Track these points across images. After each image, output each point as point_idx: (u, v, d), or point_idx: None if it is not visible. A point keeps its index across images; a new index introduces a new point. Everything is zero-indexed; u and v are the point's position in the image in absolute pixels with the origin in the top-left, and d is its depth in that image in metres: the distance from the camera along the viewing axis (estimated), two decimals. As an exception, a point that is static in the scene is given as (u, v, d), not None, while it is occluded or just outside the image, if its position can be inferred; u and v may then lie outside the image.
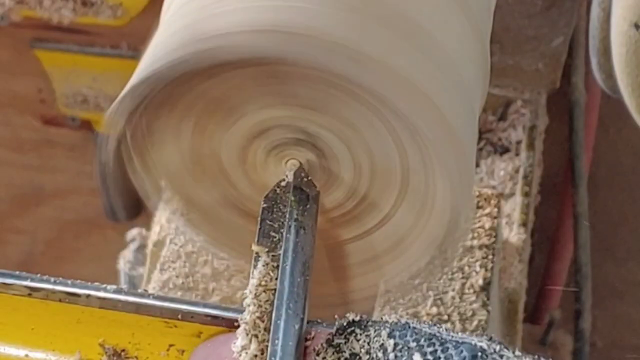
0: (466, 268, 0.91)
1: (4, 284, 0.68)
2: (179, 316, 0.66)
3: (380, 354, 0.60)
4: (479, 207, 0.95)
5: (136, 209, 1.60)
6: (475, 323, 0.89)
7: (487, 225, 0.94)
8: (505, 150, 1.25)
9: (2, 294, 0.68)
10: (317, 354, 0.61)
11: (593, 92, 1.39)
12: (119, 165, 0.74)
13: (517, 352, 0.60)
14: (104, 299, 0.67)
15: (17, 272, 0.69)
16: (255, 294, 0.65)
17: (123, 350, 0.67)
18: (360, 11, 0.66)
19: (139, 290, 0.68)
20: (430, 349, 0.59)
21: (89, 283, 0.68)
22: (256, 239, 0.68)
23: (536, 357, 0.60)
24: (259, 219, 0.70)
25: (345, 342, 0.61)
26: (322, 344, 0.62)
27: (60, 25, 1.45)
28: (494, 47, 0.80)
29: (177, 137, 0.74)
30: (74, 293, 0.67)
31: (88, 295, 0.67)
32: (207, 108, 0.71)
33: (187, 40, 0.66)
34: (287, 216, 0.69)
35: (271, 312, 0.64)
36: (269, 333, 0.63)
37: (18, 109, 1.66)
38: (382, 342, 0.60)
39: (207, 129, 0.73)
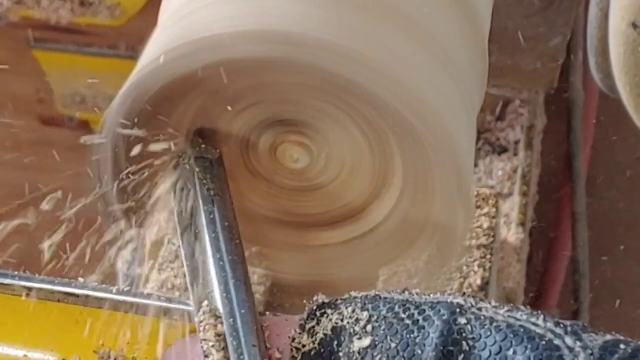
0: (464, 268, 0.91)
1: (4, 284, 0.68)
2: (178, 316, 0.66)
3: (357, 328, 0.60)
4: (477, 207, 0.95)
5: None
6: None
7: (485, 225, 0.94)
8: (504, 150, 1.25)
9: (2, 294, 0.68)
10: (293, 340, 0.61)
11: (591, 91, 1.39)
12: (115, 166, 0.74)
13: (494, 303, 0.60)
14: (103, 299, 0.67)
15: (17, 272, 0.69)
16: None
17: (121, 356, 0.67)
18: (355, 9, 0.67)
19: (138, 291, 0.68)
20: (407, 314, 0.59)
21: (89, 283, 0.68)
22: (176, 221, 0.68)
23: (511, 306, 0.59)
24: (174, 200, 0.69)
25: (318, 324, 0.61)
26: (295, 330, 0.61)
27: (59, 26, 1.44)
28: (493, 47, 0.80)
29: (176, 137, 0.74)
30: (73, 293, 0.67)
31: (87, 295, 0.67)
32: (200, 118, 0.71)
33: (181, 42, 0.66)
34: (198, 187, 0.68)
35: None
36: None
37: (16, 109, 1.66)
38: (356, 316, 0.60)
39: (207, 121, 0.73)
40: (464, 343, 0.57)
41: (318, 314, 0.62)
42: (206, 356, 0.61)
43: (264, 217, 0.79)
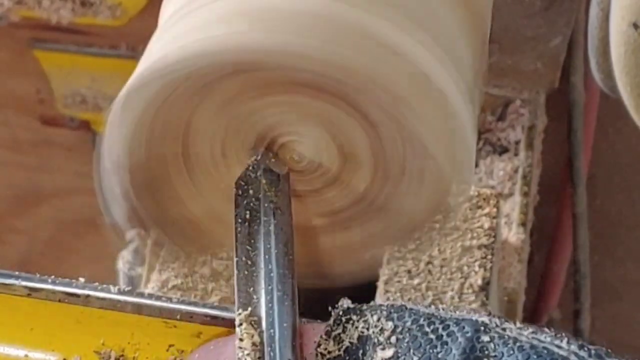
0: (465, 268, 0.91)
1: (4, 284, 0.68)
2: (178, 316, 0.66)
3: (381, 338, 0.60)
4: (477, 207, 0.95)
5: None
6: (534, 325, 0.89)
7: (486, 225, 0.94)
8: (504, 150, 1.25)
9: (2, 294, 0.68)
10: (318, 346, 0.61)
11: (592, 92, 1.39)
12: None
13: (519, 324, 0.60)
14: (103, 299, 0.67)
15: (17, 272, 0.69)
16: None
17: (122, 356, 0.67)
18: (355, 9, 0.67)
19: (138, 291, 0.68)
20: (431, 328, 0.59)
21: (89, 283, 0.68)
22: (235, 228, 0.68)
23: (536, 327, 0.59)
24: (234, 206, 0.69)
25: (344, 331, 0.61)
26: (321, 336, 0.61)
27: (59, 26, 1.44)
28: (493, 47, 0.81)
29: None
30: (73, 293, 0.67)
31: (88, 296, 0.67)
32: (206, 104, 0.71)
33: (185, 41, 0.66)
34: (262, 199, 0.69)
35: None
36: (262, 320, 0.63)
37: (17, 110, 1.66)
38: (381, 326, 0.60)
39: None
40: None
41: (344, 319, 0.62)
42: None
43: None
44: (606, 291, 1.53)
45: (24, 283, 0.68)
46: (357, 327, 0.61)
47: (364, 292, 0.84)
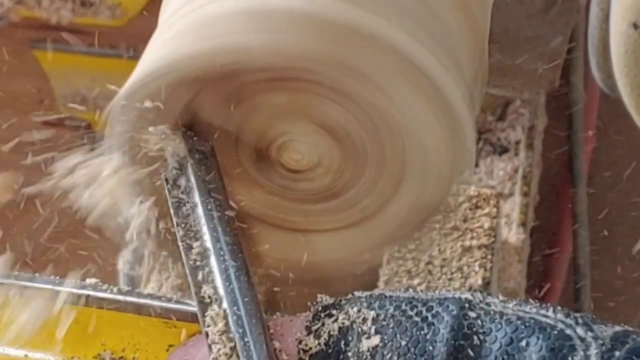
0: (465, 268, 0.91)
1: (5, 284, 0.68)
2: (178, 316, 0.66)
3: (364, 327, 0.59)
4: (477, 207, 0.95)
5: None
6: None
7: (486, 225, 0.94)
8: (504, 150, 1.25)
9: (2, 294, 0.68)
10: (299, 342, 0.61)
11: (592, 91, 1.39)
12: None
13: (501, 297, 0.60)
14: (103, 299, 0.67)
15: (17, 272, 0.69)
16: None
17: (122, 357, 0.67)
18: (356, 8, 0.67)
19: (138, 291, 0.68)
20: (414, 311, 0.59)
21: (89, 283, 0.68)
22: (173, 215, 0.68)
23: (519, 299, 0.59)
24: (168, 195, 0.69)
25: (323, 325, 0.61)
26: (300, 332, 0.61)
27: (59, 26, 1.44)
28: (493, 48, 0.80)
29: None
30: (74, 293, 0.67)
31: (88, 296, 0.67)
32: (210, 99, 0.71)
33: (186, 41, 0.66)
34: (193, 181, 0.69)
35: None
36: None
37: (17, 109, 1.66)
38: (362, 316, 0.60)
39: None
40: (475, 337, 0.57)
41: (322, 315, 0.62)
42: (211, 348, 0.61)
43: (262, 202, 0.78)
44: (606, 291, 1.53)
45: (25, 283, 0.68)
46: (336, 320, 0.61)
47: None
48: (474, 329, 0.57)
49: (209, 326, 0.62)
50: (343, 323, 0.60)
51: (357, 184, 0.74)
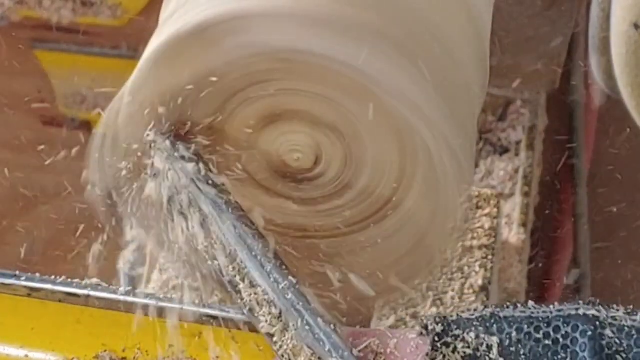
0: (466, 268, 0.91)
1: (4, 284, 0.68)
2: (179, 316, 0.66)
3: (492, 356, 0.57)
4: (478, 208, 0.95)
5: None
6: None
7: (486, 226, 0.94)
8: (505, 150, 1.25)
9: (2, 294, 0.68)
10: None
11: (593, 92, 1.39)
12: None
13: (622, 308, 0.58)
14: (103, 299, 0.67)
15: (17, 272, 0.69)
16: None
17: (123, 358, 0.67)
18: (356, 8, 0.67)
19: (138, 291, 0.68)
20: (540, 333, 0.57)
21: (89, 283, 0.68)
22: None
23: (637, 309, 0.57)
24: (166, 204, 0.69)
25: (444, 357, 0.59)
26: None
27: (60, 26, 1.44)
28: (494, 48, 0.80)
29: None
30: (74, 293, 0.67)
31: (88, 296, 0.67)
32: (211, 96, 0.71)
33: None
34: (197, 185, 0.68)
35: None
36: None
37: (18, 109, 1.66)
38: (485, 342, 0.58)
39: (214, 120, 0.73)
40: (618, 357, 0.55)
41: (439, 345, 0.59)
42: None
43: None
44: (607, 291, 1.53)
45: (25, 283, 0.68)
46: (455, 349, 0.58)
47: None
48: (614, 349, 0.55)
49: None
50: (464, 352, 0.58)
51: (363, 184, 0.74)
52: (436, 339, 0.60)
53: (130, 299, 0.67)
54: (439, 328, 0.60)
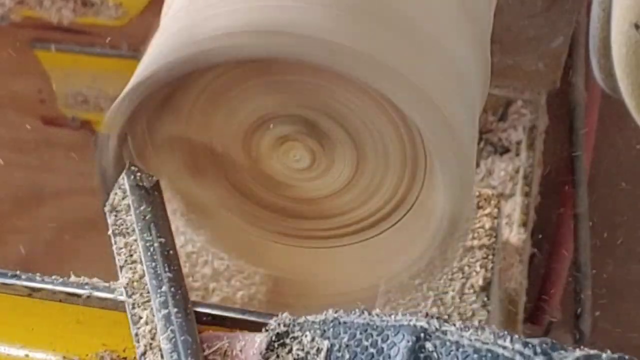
0: (466, 268, 0.91)
1: (4, 284, 0.68)
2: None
3: (319, 359, 0.58)
4: (479, 208, 0.95)
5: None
6: (475, 323, 0.89)
7: (487, 226, 0.94)
8: (506, 150, 1.25)
9: (2, 294, 0.68)
10: None
11: (593, 92, 1.39)
12: (119, 165, 0.74)
13: (458, 324, 0.58)
14: (104, 299, 0.67)
15: (17, 272, 0.69)
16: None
17: (124, 358, 0.67)
18: (357, 10, 0.67)
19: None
20: (369, 341, 0.58)
21: (90, 283, 0.68)
22: (115, 251, 0.68)
23: (476, 326, 0.58)
24: (109, 231, 0.69)
25: (278, 357, 0.60)
26: None
27: (61, 26, 1.44)
28: (495, 47, 0.80)
29: (178, 136, 0.74)
30: (74, 293, 0.67)
31: (88, 296, 0.67)
32: (208, 104, 0.71)
33: (186, 41, 0.66)
34: (134, 218, 0.68)
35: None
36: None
37: (18, 109, 1.66)
38: (317, 346, 0.59)
39: (209, 125, 0.73)
40: None
41: (276, 345, 0.60)
42: None
43: (263, 215, 0.79)
44: (607, 291, 1.53)
45: (25, 283, 0.68)
46: (290, 350, 0.59)
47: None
48: None
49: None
50: (297, 354, 0.59)
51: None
52: (274, 338, 0.60)
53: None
54: (280, 329, 0.60)
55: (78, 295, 0.67)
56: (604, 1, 0.85)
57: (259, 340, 0.61)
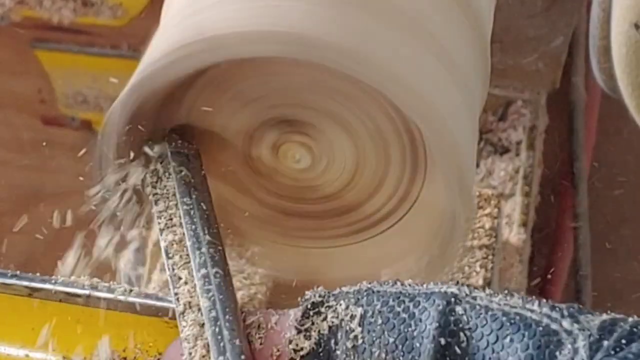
0: (466, 268, 0.91)
1: (4, 284, 0.68)
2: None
3: (353, 325, 0.59)
4: (479, 208, 0.95)
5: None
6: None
7: (487, 226, 0.94)
8: (506, 150, 1.25)
9: (2, 294, 0.68)
10: (290, 342, 0.61)
11: (593, 92, 1.39)
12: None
13: (488, 290, 0.60)
14: (104, 299, 0.67)
15: (17, 272, 0.69)
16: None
17: (124, 358, 0.67)
18: (358, 9, 0.67)
19: (139, 290, 0.68)
20: (402, 307, 0.59)
21: (90, 283, 0.68)
22: (156, 216, 0.68)
23: (505, 292, 0.59)
24: (151, 196, 0.70)
25: (313, 324, 0.61)
26: (290, 332, 0.61)
27: (61, 26, 1.44)
28: (495, 47, 0.80)
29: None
30: (74, 293, 0.67)
31: (88, 296, 0.67)
32: (208, 100, 0.71)
33: (186, 41, 0.66)
34: (175, 183, 0.69)
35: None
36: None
37: (18, 109, 1.66)
38: (350, 313, 0.60)
39: (210, 122, 0.73)
40: (461, 334, 0.57)
41: (311, 313, 0.61)
42: (188, 352, 0.61)
43: (265, 215, 0.79)
44: (607, 291, 1.53)
45: (25, 283, 0.68)
46: (325, 318, 0.60)
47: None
48: (460, 325, 0.57)
49: (185, 326, 0.62)
50: (332, 322, 0.60)
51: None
52: (309, 307, 0.61)
53: (130, 298, 0.67)
54: (316, 298, 0.62)
55: (78, 295, 0.67)
56: (604, 1, 0.85)
57: (294, 312, 0.62)
